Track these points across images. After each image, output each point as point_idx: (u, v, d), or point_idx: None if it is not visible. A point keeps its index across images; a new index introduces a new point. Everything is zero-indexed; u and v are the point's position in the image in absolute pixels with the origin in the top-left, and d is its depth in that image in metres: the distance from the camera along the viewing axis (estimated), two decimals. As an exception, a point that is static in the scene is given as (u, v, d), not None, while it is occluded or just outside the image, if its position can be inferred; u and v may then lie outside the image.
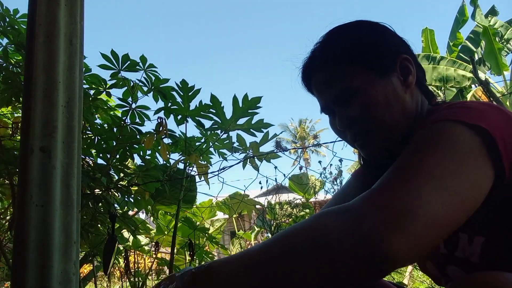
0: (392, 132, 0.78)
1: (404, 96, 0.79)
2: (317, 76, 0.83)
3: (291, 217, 4.31)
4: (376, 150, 0.81)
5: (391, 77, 0.79)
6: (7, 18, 2.08)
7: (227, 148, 2.64)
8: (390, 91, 0.78)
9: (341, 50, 0.80)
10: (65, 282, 1.17)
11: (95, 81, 2.30)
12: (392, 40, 0.83)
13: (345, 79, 0.79)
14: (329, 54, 0.81)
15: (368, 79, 0.78)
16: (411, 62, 0.82)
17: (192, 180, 2.80)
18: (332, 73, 0.80)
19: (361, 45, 0.80)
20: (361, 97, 0.78)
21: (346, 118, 0.80)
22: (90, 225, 2.31)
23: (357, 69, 0.78)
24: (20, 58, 2.13)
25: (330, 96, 0.82)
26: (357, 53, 0.79)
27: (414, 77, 0.81)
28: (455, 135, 0.59)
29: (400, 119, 0.78)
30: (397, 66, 0.80)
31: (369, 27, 0.84)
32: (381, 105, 0.77)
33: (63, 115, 1.25)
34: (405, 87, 0.80)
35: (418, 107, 0.82)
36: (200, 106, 2.45)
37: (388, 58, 0.80)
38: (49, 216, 1.15)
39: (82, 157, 2.21)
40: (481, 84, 4.00)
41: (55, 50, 1.24)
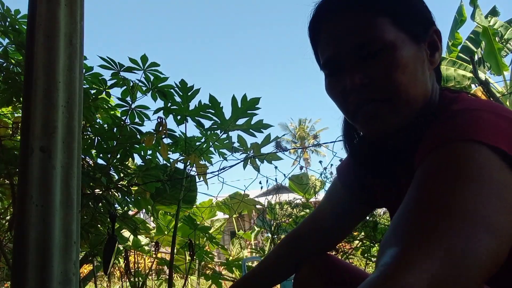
0: (409, 107, 0.67)
1: (427, 73, 0.69)
2: (336, 19, 0.69)
3: (291, 217, 4.31)
4: (388, 127, 0.68)
5: (421, 47, 0.69)
6: (8, 18, 2.08)
7: (227, 148, 2.64)
8: (421, 61, 0.68)
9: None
10: (65, 282, 1.17)
11: (95, 81, 2.30)
12: (427, 8, 0.73)
13: (375, 29, 0.66)
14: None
15: (402, 37, 0.66)
16: (440, 38, 0.72)
17: (192, 180, 2.80)
18: (359, 19, 0.67)
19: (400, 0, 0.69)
20: (391, 54, 0.65)
21: (364, 76, 0.66)
22: (90, 225, 2.31)
23: (391, 23, 0.66)
24: (21, 58, 2.13)
25: (350, 44, 0.67)
26: (392, 4, 0.67)
27: (440, 55, 0.72)
28: (486, 164, 0.51)
29: (420, 95, 0.67)
30: (428, 38, 0.70)
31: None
32: (409, 72, 0.65)
33: (63, 115, 1.25)
34: (430, 64, 0.71)
35: (434, 90, 0.72)
36: (200, 106, 2.45)
37: (421, 25, 0.70)
38: (49, 216, 1.15)
39: (82, 157, 2.21)
40: (481, 84, 4.00)
41: (55, 50, 1.24)
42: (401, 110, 0.67)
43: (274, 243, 4.41)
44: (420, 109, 0.68)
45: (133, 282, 2.94)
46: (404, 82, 0.65)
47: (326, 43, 0.71)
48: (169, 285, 2.66)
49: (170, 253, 2.70)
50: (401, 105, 0.66)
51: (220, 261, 3.83)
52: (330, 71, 0.72)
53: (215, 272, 3.38)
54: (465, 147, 0.53)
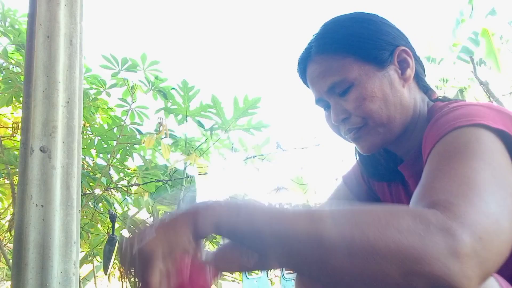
0: (388, 127, 0.76)
1: (401, 91, 0.76)
2: (311, 67, 0.80)
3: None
4: (372, 145, 0.78)
5: (389, 70, 0.76)
6: (8, 18, 2.08)
7: (227, 148, 2.64)
8: (387, 85, 0.75)
9: (337, 40, 0.77)
10: (65, 282, 1.17)
11: (95, 81, 2.30)
12: (390, 31, 0.80)
13: (340, 70, 0.75)
14: (324, 44, 0.78)
15: (364, 71, 0.75)
16: (409, 54, 0.78)
17: (192, 180, 2.80)
18: (328, 63, 0.77)
19: (357, 35, 0.77)
20: (357, 89, 0.75)
21: (341, 112, 0.77)
22: (90, 225, 2.31)
23: (353, 60, 0.75)
24: (21, 58, 2.13)
25: (324, 88, 0.78)
26: (353, 43, 0.76)
27: (412, 70, 0.78)
28: (488, 141, 0.56)
29: (396, 114, 0.75)
30: (395, 58, 0.77)
31: (366, 18, 0.81)
32: (378, 98, 0.74)
33: (63, 115, 1.25)
34: (403, 81, 0.77)
35: (417, 102, 0.79)
36: (201, 106, 2.46)
37: (385, 50, 0.77)
38: (49, 216, 1.15)
39: (82, 157, 2.21)
40: (481, 84, 4.00)
41: (55, 50, 1.24)
42: (379, 130, 0.76)
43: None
44: (404, 122, 0.77)
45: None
46: (374, 109, 0.74)
47: (310, 86, 0.83)
48: (169, 285, 2.66)
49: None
50: (377, 126, 0.76)
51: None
52: (322, 107, 0.84)
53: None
54: (473, 130, 0.58)
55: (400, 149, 0.82)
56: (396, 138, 0.77)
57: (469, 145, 0.56)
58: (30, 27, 1.31)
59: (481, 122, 0.58)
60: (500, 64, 8.35)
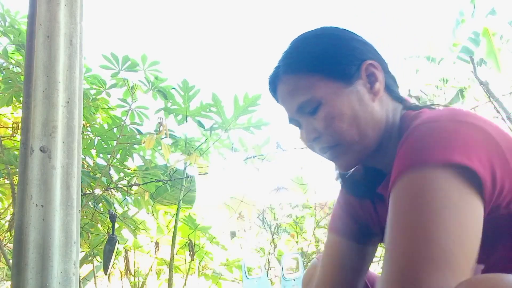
0: (362, 144, 0.75)
1: (372, 105, 0.75)
2: (281, 87, 0.80)
3: (291, 217, 4.31)
4: (348, 163, 0.78)
5: (356, 85, 0.75)
6: (7, 18, 2.08)
7: (227, 148, 2.64)
8: (356, 101, 0.74)
9: (302, 59, 0.77)
10: (65, 282, 1.17)
11: (95, 81, 2.30)
12: (357, 45, 0.78)
13: (307, 89, 0.75)
14: (291, 63, 0.78)
15: (331, 89, 0.74)
16: (377, 68, 0.77)
17: (192, 180, 2.80)
18: (295, 83, 0.76)
19: (322, 52, 0.76)
20: (325, 108, 0.74)
21: (312, 131, 0.76)
22: (90, 225, 2.31)
23: (320, 78, 0.74)
24: (21, 58, 2.13)
25: (293, 107, 0.78)
26: (319, 61, 0.75)
27: (381, 83, 0.76)
28: (443, 188, 0.57)
29: (367, 130, 0.74)
30: (362, 73, 0.76)
31: (332, 34, 0.79)
32: (347, 116, 0.73)
33: (63, 115, 1.25)
34: (373, 95, 0.75)
35: (389, 115, 0.77)
36: (201, 105, 2.46)
37: (352, 65, 0.75)
38: (49, 216, 1.15)
39: (82, 157, 2.21)
40: (481, 84, 4.00)
41: (55, 50, 1.24)
42: (353, 148, 0.75)
43: (274, 243, 4.41)
44: (378, 136, 0.76)
45: (133, 282, 2.94)
46: (344, 127, 0.73)
47: (282, 105, 0.83)
48: (169, 285, 2.66)
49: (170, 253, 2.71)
50: (350, 144, 0.75)
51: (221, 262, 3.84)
52: (296, 126, 0.84)
53: (215, 272, 3.38)
54: (417, 180, 0.59)
55: (378, 162, 0.81)
56: (372, 152, 0.77)
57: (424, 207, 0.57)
58: (30, 27, 1.31)
59: (429, 161, 0.58)
60: (500, 64, 8.36)
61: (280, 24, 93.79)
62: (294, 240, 4.21)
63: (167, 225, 3.23)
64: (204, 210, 4.01)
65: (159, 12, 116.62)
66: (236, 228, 7.05)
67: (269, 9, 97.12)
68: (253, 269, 3.51)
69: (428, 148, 0.60)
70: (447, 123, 0.62)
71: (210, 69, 57.17)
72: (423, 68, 8.61)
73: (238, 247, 5.64)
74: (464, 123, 0.62)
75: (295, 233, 4.20)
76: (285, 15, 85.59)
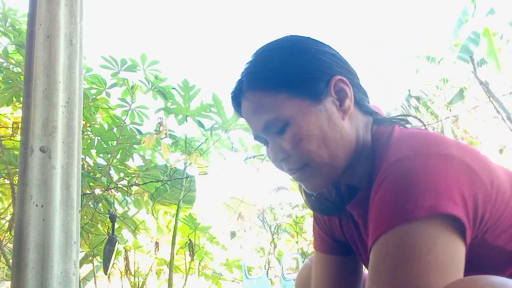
0: (331, 165, 0.71)
1: (341, 124, 0.71)
2: (244, 103, 0.74)
3: (291, 217, 4.31)
4: (318, 185, 0.74)
5: (325, 103, 0.70)
6: (8, 18, 2.08)
7: (227, 148, 2.65)
8: (325, 120, 0.69)
9: (267, 76, 0.71)
10: (65, 282, 1.17)
11: (95, 81, 2.30)
12: (325, 59, 0.73)
13: (273, 109, 0.70)
14: (254, 79, 0.72)
15: (298, 108, 0.69)
16: (346, 83, 0.72)
17: (192, 180, 2.81)
18: (259, 101, 0.71)
19: (288, 68, 0.71)
20: (292, 128, 0.69)
21: (280, 151, 0.72)
22: (90, 225, 2.31)
23: (286, 97, 0.69)
24: (21, 58, 2.13)
25: (259, 126, 0.73)
26: (284, 78, 0.70)
27: (351, 100, 0.72)
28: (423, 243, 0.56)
29: (338, 151, 0.70)
30: (331, 89, 0.71)
31: (298, 47, 0.74)
32: (315, 137, 0.69)
33: (63, 115, 1.25)
34: (342, 113, 0.71)
35: (360, 133, 0.73)
36: (201, 105, 2.46)
37: (320, 81, 0.70)
38: (49, 216, 1.15)
39: (82, 157, 2.21)
40: (481, 84, 4.00)
41: (55, 50, 1.24)
42: (323, 169, 0.71)
43: (274, 243, 4.41)
44: (348, 156, 0.72)
45: (133, 282, 2.94)
46: (312, 149, 0.69)
47: (246, 121, 0.78)
48: (169, 285, 2.66)
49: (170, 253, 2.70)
50: (320, 166, 0.71)
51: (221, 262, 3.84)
52: (262, 143, 0.79)
53: (215, 272, 3.38)
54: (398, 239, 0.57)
55: (348, 180, 0.79)
56: (341, 173, 0.73)
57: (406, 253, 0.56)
58: (30, 27, 1.31)
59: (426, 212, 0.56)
60: (501, 64, 8.36)
61: (281, 24, 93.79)
62: (294, 240, 4.21)
63: (167, 225, 3.23)
64: (204, 210, 4.01)
65: (159, 12, 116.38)
66: (236, 228, 7.06)
67: (270, 9, 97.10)
68: (253, 269, 3.51)
69: (408, 201, 0.57)
70: (426, 161, 0.59)
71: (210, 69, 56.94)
72: (423, 68, 8.60)
73: (238, 247, 5.64)
74: (443, 158, 0.59)
75: (295, 233, 4.20)
76: (286, 15, 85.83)
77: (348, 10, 26.72)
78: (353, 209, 0.77)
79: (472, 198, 0.57)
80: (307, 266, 1.02)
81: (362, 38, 12.17)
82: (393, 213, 0.58)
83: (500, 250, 0.62)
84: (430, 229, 0.56)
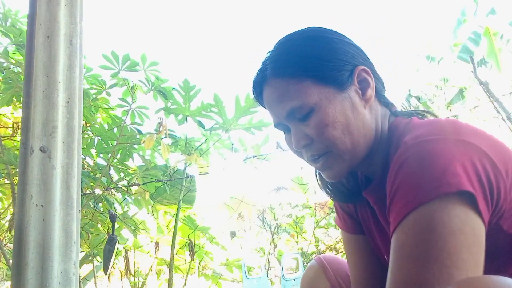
0: (353, 153, 0.72)
1: (363, 112, 0.73)
2: (268, 90, 0.75)
3: (291, 217, 4.31)
4: (338, 172, 0.75)
5: (349, 91, 0.72)
6: (9, 18, 2.08)
7: (227, 148, 2.65)
8: (349, 108, 0.71)
9: (293, 63, 0.73)
10: (65, 282, 1.17)
11: (95, 81, 2.31)
12: (348, 49, 0.75)
13: (298, 95, 0.71)
14: (280, 66, 0.73)
15: (324, 95, 0.71)
16: (369, 73, 0.74)
17: (192, 180, 2.81)
18: (284, 88, 0.72)
19: (314, 56, 0.72)
20: (317, 115, 0.71)
21: (303, 138, 0.73)
22: (90, 225, 2.31)
23: (311, 83, 0.71)
24: (21, 58, 2.13)
25: (283, 113, 0.74)
26: (310, 65, 0.72)
27: (373, 90, 0.74)
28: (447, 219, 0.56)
29: (360, 138, 0.72)
30: (355, 79, 0.73)
31: (322, 36, 0.75)
32: (340, 124, 0.70)
33: (63, 115, 1.25)
34: (364, 102, 0.73)
35: (379, 122, 0.76)
36: (202, 105, 2.46)
37: (344, 70, 0.72)
38: (49, 216, 1.15)
39: (82, 157, 2.21)
40: (481, 84, 4.00)
41: (55, 50, 1.24)
42: (345, 157, 0.73)
43: (274, 243, 4.41)
44: (368, 144, 0.74)
45: (133, 282, 2.94)
46: (337, 135, 0.71)
47: (268, 109, 0.79)
48: (169, 285, 2.66)
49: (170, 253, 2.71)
50: (342, 153, 0.72)
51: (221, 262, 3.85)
52: (282, 131, 0.80)
53: (215, 272, 3.38)
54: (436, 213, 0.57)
55: (365, 169, 0.80)
56: (361, 161, 0.75)
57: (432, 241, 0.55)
58: (30, 27, 1.31)
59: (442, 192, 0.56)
60: (501, 64, 8.36)
61: (281, 24, 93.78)
62: (294, 240, 4.21)
63: (167, 225, 3.23)
64: (204, 210, 4.01)
65: (159, 12, 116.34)
66: (236, 228, 7.06)
67: (270, 9, 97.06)
68: (253, 269, 3.51)
69: (426, 182, 0.58)
70: (444, 144, 0.60)
71: (211, 69, 57.03)
72: (423, 68, 8.60)
73: (238, 247, 5.64)
74: (460, 143, 0.60)
75: (295, 233, 4.19)
76: (286, 15, 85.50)
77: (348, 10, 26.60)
78: (370, 195, 0.79)
79: (486, 180, 0.58)
80: (313, 266, 1.03)
81: (362, 38, 12.16)
82: (419, 191, 0.58)
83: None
84: (456, 208, 0.56)
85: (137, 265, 3.15)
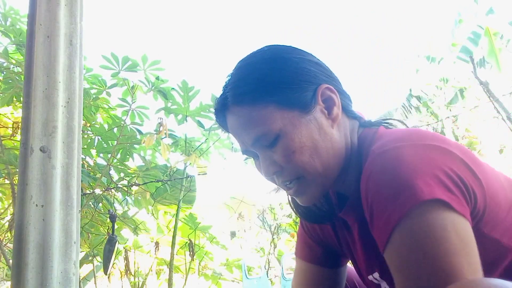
0: (324, 175, 0.70)
1: (331, 132, 0.70)
2: (231, 118, 0.72)
3: (291, 217, 4.31)
4: (312, 197, 0.73)
5: (314, 113, 0.69)
6: (9, 17, 2.09)
7: (227, 148, 2.65)
8: (316, 130, 0.69)
9: (254, 88, 0.69)
10: (65, 282, 1.17)
11: (95, 81, 2.31)
12: (310, 68, 0.72)
13: (262, 122, 0.68)
14: (240, 94, 0.70)
15: (288, 120, 0.68)
16: (333, 91, 0.71)
17: (192, 180, 2.81)
18: (247, 115, 0.69)
19: (274, 80, 0.69)
20: (283, 141, 0.68)
21: (271, 165, 0.70)
22: (90, 225, 2.31)
23: (274, 109, 0.68)
24: (21, 58, 2.13)
25: (248, 141, 0.71)
26: (271, 90, 0.68)
27: (339, 108, 0.71)
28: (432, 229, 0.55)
29: (330, 160, 0.69)
30: (319, 98, 0.70)
31: (281, 57, 0.72)
32: (307, 148, 0.68)
33: (63, 115, 1.25)
34: (331, 121, 0.71)
35: (348, 138, 0.73)
36: (201, 106, 2.46)
37: (307, 91, 0.69)
38: (49, 216, 1.15)
39: (82, 157, 2.21)
40: (481, 84, 4.00)
41: (55, 50, 1.24)
42: (317, 180, 0.70)
43: (274, 243, 4.42)
44: (339, 164, 0.71)
45: (133, 282, 2.94)
46: (305, 160, 0.68)
47: (234, 137, 0.75)
48: (169, 285, 2.66)
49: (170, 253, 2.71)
50: (314, 177, 0.70)
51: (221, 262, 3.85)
52: (251, 157, 0.77)
53: (215, 272, 3.38)
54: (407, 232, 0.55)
55: (339, 187, 0.78)
56: (334, 181, 0.73)
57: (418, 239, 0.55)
58: (30, 27, 1.31)
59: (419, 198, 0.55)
60: (501, 64, 8.36)
61: (281, 24, 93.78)
62: (294, 240, 4.21)
63: (167, 225, 3.23)
64: (204, 210, 4.01)
65: (159, 12, 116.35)
66: (236, 228, 7.05)
67: (270, 9, 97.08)
68: (253, 269, 3.51)
69: (398, 192, 0.56)
70: (410, 149, 0.59)
71: (211, 69, 57.03)
72: (423, 68, 8.60)
73: (238, 247, 5.64)
74: (427, 146, 0.60)
75: (295, 233, 4.19)
76: (286, 15, 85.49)
77: (348, 10, 26.56)
78: (347, 215, 0.77)
79: (459, 180, 0.57)
80: None
81: (362, 38, 12.13)
82: (395, 204, 0.57)
83: (495, 242, 0.62)
84: (432, 213, 0.55)
85: (137, 265, 3.15)
